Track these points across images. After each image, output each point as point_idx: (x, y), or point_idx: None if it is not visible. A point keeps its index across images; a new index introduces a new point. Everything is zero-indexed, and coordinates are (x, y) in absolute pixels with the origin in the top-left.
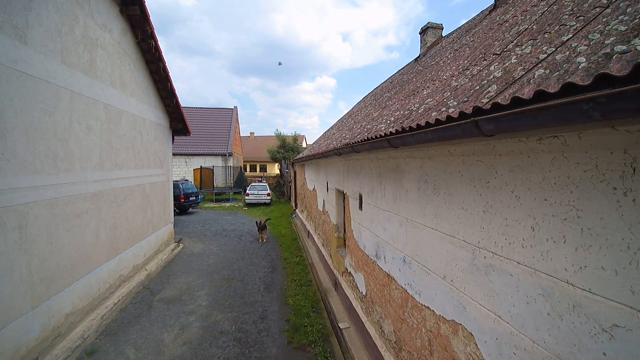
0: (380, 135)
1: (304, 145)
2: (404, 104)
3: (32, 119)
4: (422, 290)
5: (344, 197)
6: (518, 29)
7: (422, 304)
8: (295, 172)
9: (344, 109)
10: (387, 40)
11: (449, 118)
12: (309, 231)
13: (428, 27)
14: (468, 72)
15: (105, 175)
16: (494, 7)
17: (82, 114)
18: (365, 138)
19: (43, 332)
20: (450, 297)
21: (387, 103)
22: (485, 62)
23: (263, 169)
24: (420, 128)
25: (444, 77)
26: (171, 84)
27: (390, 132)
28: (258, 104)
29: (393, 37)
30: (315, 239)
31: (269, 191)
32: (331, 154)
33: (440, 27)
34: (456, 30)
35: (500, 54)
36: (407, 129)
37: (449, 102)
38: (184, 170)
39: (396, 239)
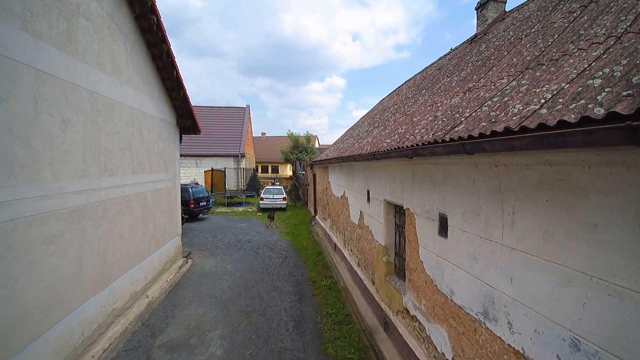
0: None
1: (317, 145)
2: (532, 80)
3: None
4: None
5: (404, 214)
6: None
7: None
8: (314, 175)
9: (354, 109)
10: (398, 39)
11: None
12: (335, 244)
13: (488, 0)
14: None
15: (91, 184)
16: None
17: (55, 103)
18: (505, 129)
19: None
20: None
21: (469, 85)
22: None
23: (275, 170)
24: None
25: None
26: (177, 72)
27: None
28: (267, 105)
29: (403, 36)
30: (346, 255)
31: (284, 195)
32: (393, 155)
33: (503, 0)
34: (528, 2)
35: None
36: None
37: None
38: (195, 173)
39: (548, 302)
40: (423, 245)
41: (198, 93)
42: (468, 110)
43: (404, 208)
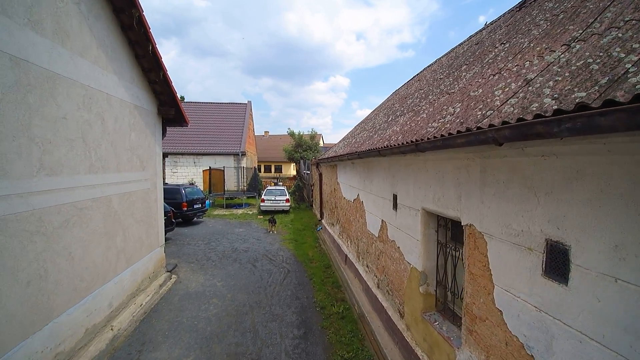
0: None
1: (321, 144)
2: None
3: None
4: None
5: (453, 229)
6: None
7: None
8: (320, 175)
9: (358, 108)
10: (402, 38)
11: None
12: (346, 255)
13: None
14: None
15: (15, 187)
16: None
17: None
18: None
19: None
20: None
21: (573, 35)
22: None
23: (278, 169)
24: None
25: None
26: (154, 47)
27: None
28: (271, 105)
29: (408, 35)
30: (361, 271)
31: (287, 196)
32: (460, 141)
33: None
34: None
35: None
36: None
37: None
38: (193, 172)
39: None
40: (503, 287)
41: (202, 92)
42: (624, 55)
43: (463, 224)
